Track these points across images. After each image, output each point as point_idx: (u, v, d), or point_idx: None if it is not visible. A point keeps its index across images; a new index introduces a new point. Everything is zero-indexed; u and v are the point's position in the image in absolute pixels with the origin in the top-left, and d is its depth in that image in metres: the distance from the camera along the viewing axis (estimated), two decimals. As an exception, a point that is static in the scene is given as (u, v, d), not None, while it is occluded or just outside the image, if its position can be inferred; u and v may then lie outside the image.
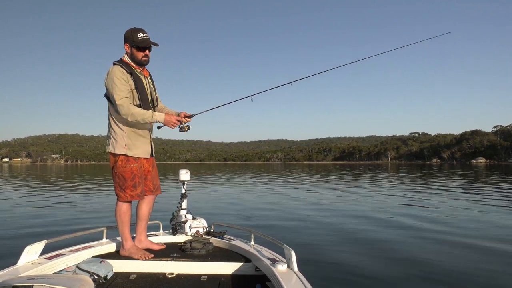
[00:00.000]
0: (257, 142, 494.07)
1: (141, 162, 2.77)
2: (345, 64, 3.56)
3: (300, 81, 3.30)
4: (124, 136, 2.67)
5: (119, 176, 2.69)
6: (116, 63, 2.66)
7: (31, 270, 2.22)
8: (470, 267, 3.79)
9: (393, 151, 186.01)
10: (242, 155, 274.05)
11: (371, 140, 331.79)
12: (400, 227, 6.02)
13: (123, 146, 2.66)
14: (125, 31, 2.69)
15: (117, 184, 2.71)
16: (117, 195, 2.73)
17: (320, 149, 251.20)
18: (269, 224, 6.35)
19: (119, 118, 2.64)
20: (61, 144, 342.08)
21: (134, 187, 2.69)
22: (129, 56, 2.69)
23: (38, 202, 9.81)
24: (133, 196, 2.71)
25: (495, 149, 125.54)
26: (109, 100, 2.66)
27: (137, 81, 2.66)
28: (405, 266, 3.83)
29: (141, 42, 2.62)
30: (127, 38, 2.65)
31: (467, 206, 8.61)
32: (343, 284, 3.30)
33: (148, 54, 2.70)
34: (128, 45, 2.66)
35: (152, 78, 2.92)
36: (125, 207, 2.73)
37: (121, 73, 2.58)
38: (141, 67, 2.76)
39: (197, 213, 3.49)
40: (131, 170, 2.68)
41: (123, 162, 2.67)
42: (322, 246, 4.69)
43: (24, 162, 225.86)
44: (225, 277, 2.52)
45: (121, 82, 2.55)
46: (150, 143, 2.86)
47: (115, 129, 2.69)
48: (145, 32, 2.66)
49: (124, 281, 2.43)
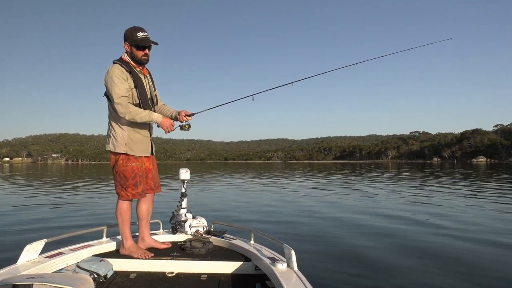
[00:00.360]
0: (257, 142, 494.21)
1: (142, 160, 2.77)
2: (345, 66, 3.62)
3: (302, 81, 3.34)
4: (124, 135, 2.67)
5: (120, 175, 2.68)
6: (115, 62, 2.66)
7: (31, 269, 2.22)
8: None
9: (393, 150, 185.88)
10: (243, 155, 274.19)
11: (371, 139, 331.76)
12: (398, 224, 6.01)
13: (123, 145, 2.66)
14: (125, 30, 2.68)
15: (118, 183, 2.71)
16: (118, 194, 2.72)
17: (321, 148, 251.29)
18: (269, 223, 6.34)
19: (119, 117, 2.62)
20: (61, 143, 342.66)
21: (135, 185, 2.69)
22: (129, 55, 2.69)
23: (38, 201, 9.81)
24: (134, 195, 2.71)
25: (496, 148, 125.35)
26: (109, 98, 2.65)
27: (136, 80, 2.66)
28: (405, 264, 3.83)
29: (141, 41, 2.62)
30: (127, 37, 2.65)
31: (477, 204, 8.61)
32: (343, 284, 3.30)
33: (148, 53, 2.70)
34: (127, 44, 2.66)
35: (152, 77, 2.91)
36: (126, 205, 2.73)
37: (120, 71, 2.58)
38: (141, 66, 2.76)
39: (197, 212, 3.49)
40: (132, 168, 2.68)
41: (124, 161, 2.67)
42: (322, 245, 4.68)
43: (24, 161, 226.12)
44: (225, 276, 2.51)
45: (120, 81, 2.55)
46: (150, 141, 2.86)
47: (115, 128, 2.69)
48: (145, 31, 2.65)
49: (124, 280, 2.43)
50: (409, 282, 3.34)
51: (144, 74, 2.79)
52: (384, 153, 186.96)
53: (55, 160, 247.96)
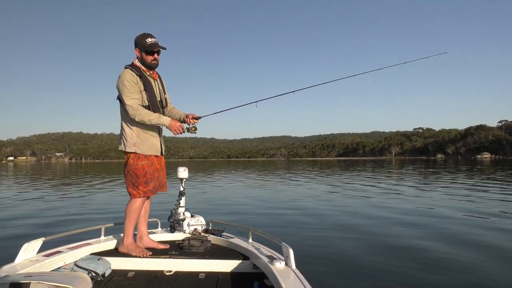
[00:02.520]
0: (260, 139, 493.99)
1: (152, 159, 2.86)
2: (343, 78, 3.67)
3: (303, 89, 3.47)
4: (133, 135, 2.79)
5: (132, 173, 2.78)
6: (127, 66, 2.79)
7: (28, 267, 2.23)
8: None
9: (397, 147, 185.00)
10: (246, 152, 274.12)
11: (374, 136, 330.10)
12: (396, 222, 6.00)
13: (132, 144, 2.78)
14: (135, 36, 2.81)
15: (129, 182, 2.79)
16: (130, 193, 2.79)
17: (324, 145, 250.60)
18: (267, 221, 6.35)
19: (129, 118, 2.76)
20: (65, 142, 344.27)
21: (146, 183, 2.78)
22: (139, 60, 2.83)
23: (38, 199, 9.87)
24: (146, 192, 2.79)
25: (501, 144, 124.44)
26: (121, 102, 2.78)
27: (146, 83, 2.79)
28: (404, 261, 3.82)
29: (149, 46, 2.75)
30: (137, 43, 2.79)
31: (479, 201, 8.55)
32: (341, 282, 3.30)
33: (157, 57, 2.83)
34: (138, 50, 2.81)
35: (162, 80, 3.04)
36: (137, 204, 2.80)
37: (131, 76, 2.71)
38: (151, 70, 2.88)
39: (195, 211, 3.49)
40: (142, 167, 2.78)
41: (134, 160, 2.78)
42: (320, 243, 4.68)
43: (28, 160, 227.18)
44: (223, 274, 2.52)
45: (130, 85, 2.69)
46: (160, 141, 2.95)
47: (126, 129, 2.81)
48: (154, 37, 2.79)
49: (122, 278, 2.43)
50: (409, 281, 3.33)
51: (154, 78, 2.91)
52: (387, 150, 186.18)
53: (59, 159, 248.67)
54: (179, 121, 2.97)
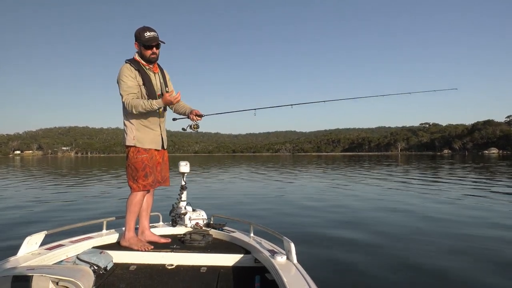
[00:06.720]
0: (265, 134, 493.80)
1: (152, 153, 2.86)
2: (343, 99, 3.76)
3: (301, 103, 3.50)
4: (133, 128, 2.80)
5: (132, 167, 2.80)
6: (127, 61, 2.80)
7: (31, 260, 2.25)
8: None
9: (403, 142, 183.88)
10: (251, 147, 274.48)
11: (380, 131, 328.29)
12: (395, 213, 5.97)
13: (132, 138, 2.79)
14: (135, 30, 2.79)
15: (130, 176, 2.81)
16: (130, 187, 2.81)
17: (329, 140, 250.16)
18: (268, 216, 6.34)
19: (128, 112, 2.76)
20: (71, 136, 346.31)
21: (145, 176, 2.79)
22: (139, 54, 2.82)
23: (40, 193, 9.96)
24: (145, 186, 2.80)
25: (508, 139, 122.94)
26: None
27: (144, 77, 2.78)
28: (404, 260, 3.78)
29: (148, 40, 2.73)
30: (136, 37, 2.77)
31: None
32: (342, 276, 3.29)
33: (156, 51, 2.80)
34: (137, 43, 2.79)
35: (165, 73, 3.02)
36: (138, 197, 2.81)
37: (129, 70, 2.72)
38: (151, 64, 2.86)
39: (196, 205, 3.50)
40: (141, 160, 2.79)
41: (134, 153, 2.79)
42: (321, 238, 4.67)
43: (35, 154, 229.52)
44: (225, 268, 2.52)
45: (128, 79, 2.70)
46: (161, 135, 2.94)
47: (126, 123, 2.82)
48: (153, 30, 2.76)
49: (124, 272, 2.45)
50: (409, 280, 3.31)
51: (154, 72, 2.89)
52: (393, 145, 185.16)
53: (65, 153, 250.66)
54: (183, 114, 2.99)
